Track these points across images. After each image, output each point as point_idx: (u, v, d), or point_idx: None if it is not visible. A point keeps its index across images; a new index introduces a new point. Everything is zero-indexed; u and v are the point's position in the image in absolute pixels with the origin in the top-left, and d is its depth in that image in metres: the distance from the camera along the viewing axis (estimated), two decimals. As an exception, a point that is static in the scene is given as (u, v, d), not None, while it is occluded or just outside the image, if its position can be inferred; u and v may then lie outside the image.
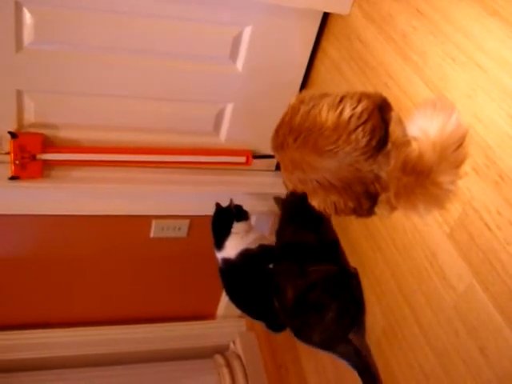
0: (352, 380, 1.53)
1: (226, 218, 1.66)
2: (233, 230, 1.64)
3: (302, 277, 1.49)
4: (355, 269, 1.55)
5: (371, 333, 1.49)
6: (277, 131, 1.35)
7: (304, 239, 1.57)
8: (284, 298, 1.51)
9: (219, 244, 1.66)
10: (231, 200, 1.69)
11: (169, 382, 2.18)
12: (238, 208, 1.68)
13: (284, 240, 1.61)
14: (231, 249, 1.64)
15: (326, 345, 1.49)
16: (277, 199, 1.75)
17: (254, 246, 1.65)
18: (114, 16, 1.47)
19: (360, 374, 1.44)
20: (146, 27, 1.51)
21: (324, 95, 1.30)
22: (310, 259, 1.53)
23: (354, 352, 1.45)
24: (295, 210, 1.58)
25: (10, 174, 1.61)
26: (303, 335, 1.50)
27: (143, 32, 1.52)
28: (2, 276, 1.99)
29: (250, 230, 1.68)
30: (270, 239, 1.67)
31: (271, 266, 1.61)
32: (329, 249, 1.59)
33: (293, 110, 1.31)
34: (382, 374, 1.44)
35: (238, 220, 1.65)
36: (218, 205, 1.69)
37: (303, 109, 1.28)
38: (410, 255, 1.31)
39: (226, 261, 1.66)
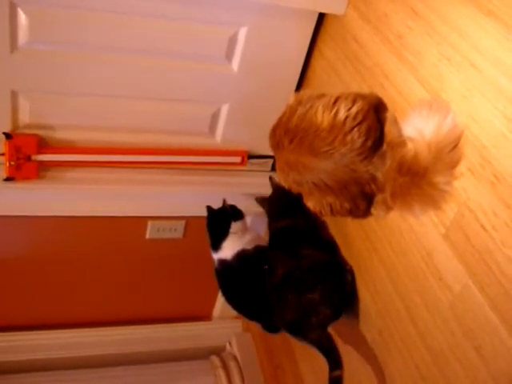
0: (350, 379, 1.53)
1: (223, 218, 1.66)
2: (231, 230, 1.64)
3: (294, 258, 1.51)
4: (351, 266, 1.54)
5: (367, 333, 1.49)
6: (274, 130, 1.34)
7: (296, 224, 1.58)
8: (274, 275, 1.53)
9: (216, 245, 1.66)
10: (224, 200, 1.69)
11: (165, 383, 2.17)
12: (233, 207, 1.68)
13: (276, 226, 1.62)
14: (228, 249, 1.64)
15: (297, 328, 1.46)
16: (259, 199, 1.75)
17: (250, 246, 1.64)
18: (108, 16, 1.47)
19: (326, 357, 1.41)
20: (141, 27, 1.51)
21: (321, 96, 1.29)
22: (303, 243, 1.54)
23: (326, 338, 1.43)
24: (283, 204, 1.60)
25: (4, 175, 1.60)
26: (278, 311, 1.50)
27: (138, 32, 1.51)
28: (-3, 277, 1.99)
29: (246, 229, 1.68)
30: (266, 239, 1.67)
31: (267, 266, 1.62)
32: (325, 244, 1.59)
33: (290, 111, 1.31)
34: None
35: (235, 219, 1.65)
36: (209, 208, 1.68)
37: (300, 110, 1.28)
38: (406, 256, 1.31)
39: (222, 262, 1.65)
